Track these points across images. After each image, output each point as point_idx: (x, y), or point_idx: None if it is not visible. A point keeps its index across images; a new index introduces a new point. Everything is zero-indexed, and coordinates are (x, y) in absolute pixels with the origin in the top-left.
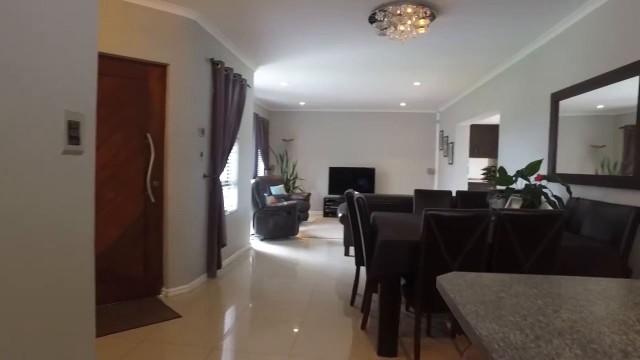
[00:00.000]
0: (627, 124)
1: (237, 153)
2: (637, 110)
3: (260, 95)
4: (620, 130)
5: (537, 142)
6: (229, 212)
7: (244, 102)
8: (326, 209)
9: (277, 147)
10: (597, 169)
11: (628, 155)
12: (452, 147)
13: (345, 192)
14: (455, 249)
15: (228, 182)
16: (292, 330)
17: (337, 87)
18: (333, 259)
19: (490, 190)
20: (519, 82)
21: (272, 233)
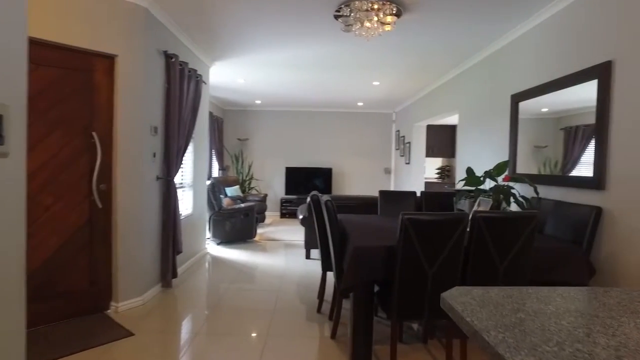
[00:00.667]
0: (566, 125)
1: (192, 153)
2: (596, 112)
3: (215, 93)
4: (561, 132)
5: (497, 142)
6: (184, 216)
7: (199, 99)
8: (283, 210)
9: (232, 146)
10: (539, 168)
11: (567, 155)
12: (409, 147)
13: (310, 195)
14: (433, 253)
15: (183, 184)
16: (258, 342)
17: (295, 85)
18: (294, 263)
19: (459, 190)
20: (479, 83)
21: (229, 236)
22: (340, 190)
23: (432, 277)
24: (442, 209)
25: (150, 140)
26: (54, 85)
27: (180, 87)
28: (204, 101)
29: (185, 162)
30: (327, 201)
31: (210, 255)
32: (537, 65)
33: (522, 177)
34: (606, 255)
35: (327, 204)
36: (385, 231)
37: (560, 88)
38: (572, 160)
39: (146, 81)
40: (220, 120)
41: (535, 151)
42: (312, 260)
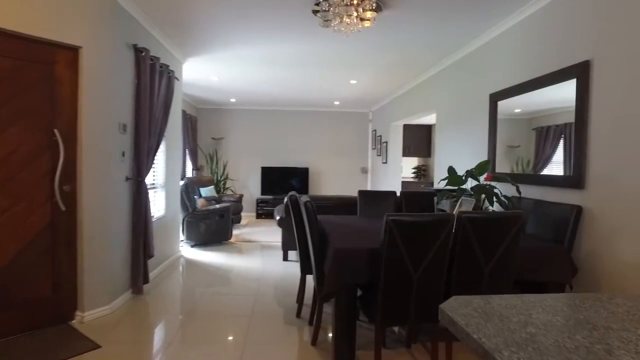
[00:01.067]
0: (538, 125)
1: (164, 152)
2: (576, 112)
3: (188, 90)
4: (533, 132)
5: (476, 142)
6: (156, 218)
7: (171, 96)
8: (259, 211)
9: (206, 146)
10: (512, 167)
11: (538, 154)
12: (386, 146)
13: (289, 195)
14: (418, 256)
15: (154, 184)
16: (235, 350)
17: (271, 83)
18: (271, 265)
19: (440, 190)
20: (457, 82)
21: (203, 238)
22: (317, 190)
23: (418, 280)
24: (422, 209)
25: (118, 138)
26: (9, 77)
27: (151, 83)
28: (177, 98)
29: (157, 162)
30: (306, 202)
31: (184, 258)
32: (516, 64)
33: (504, 176)
34: (586, 253)
35: (306, 205)
36: (366, 232)
37: (539, 87)
38: (543, 159)
39: (114, 75)
40: (194, 119)
41: (509, 151)
42: (290, 262)
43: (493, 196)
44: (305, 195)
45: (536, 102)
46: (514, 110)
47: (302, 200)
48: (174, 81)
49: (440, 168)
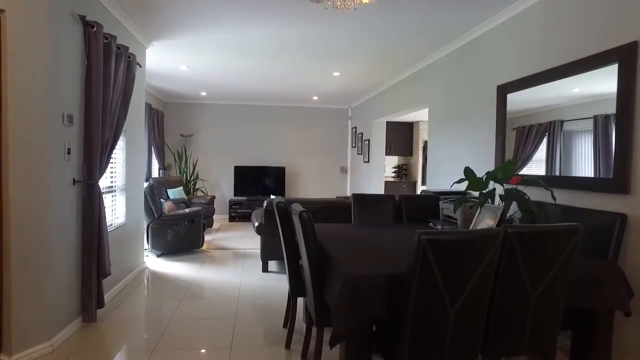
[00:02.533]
0: (519, 125)
1: (123, 150)
2: (617, 102)
3: (154, 82)
4: (513, 132)
5: (478, 139)
6: (114, 226)
7: (132, 84)
8: (232, 213)
9: (174, 143)
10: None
11: (517, 153)
12: (368, 144)
13: (276, 202)
14: (458, 283)
15: (113, 187)
16: None
17: (246, 74)
18: (250, 277)
19: (444, 193)
20: (455, 74)
21: (171, 247)
22: (294, 191)
23: (455, 314)
24: (425, 216)
25: (62, 131)
26: None
27: (106, 66)
28: (139, 87)
29: (114, 161)
30: (302, 213)
31: (150, 270)
32: (534, 50)
33: (535, 179)
34: (632, 270)
35: (302, 217)
36: (375, 248)
37: (567, 75)
38: (522, 158)
39: (54, 52)
40: (161, 114)
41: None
42: (271, 273)
43: (527, 204)
44: (296, 205)
45: (517, 101)
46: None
47: (295, 209)
48: (134, 67)
49: (434, 168)
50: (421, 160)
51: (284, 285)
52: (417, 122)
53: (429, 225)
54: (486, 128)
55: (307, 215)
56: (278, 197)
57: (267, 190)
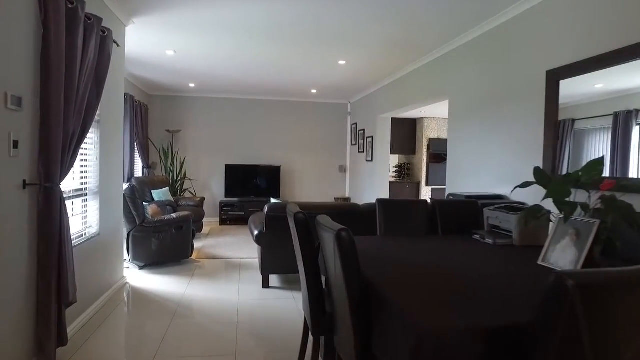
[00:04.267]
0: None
1: (97, 145)
2: None
3: (137, 71)
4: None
5: (517, 134)
6: (85, 238)
7: (107, 65)
8: (223, 216)
9: (160, 139)
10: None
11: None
12: (372, 142)
13: (293, 214)
14: (617, 347)
15: (84, 190)
16: None
17: (240, 62)
18: (249, 294)
19: (530, 207)
20: (485, 61)
21: (156, 257)
22: (290, 192)
23: None
24: (462, 224)
25: (5, 117)
26: None
27: (71, 38)
28: (117, 70)
29: (87, 158)
30: (341, 232)
31: (130, 287)
32: (599, 26)
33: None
34: None
35: (341, 238)
36: (441, 278)
37: None
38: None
39: None
40: (145, 107)
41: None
42: (273, 289)
43: (635, 217)
44: (324, 216)
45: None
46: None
47: (325, 224)
48: (110, 44)
49: (455, 168)
50: (425, 159)
51: (290, 307)
52: (421, 119)
53: (475, 238)
54: (529, 121)
55: (347, 235)
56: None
57: (261, 191)
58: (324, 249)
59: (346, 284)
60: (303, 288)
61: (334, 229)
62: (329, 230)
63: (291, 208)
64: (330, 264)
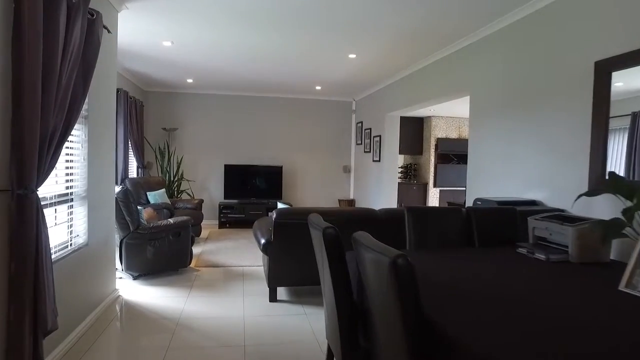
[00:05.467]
0: None
1: (85, 143)
2: None
3: (132, 65)
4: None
5: (555, 134)
6: (71, 249)
7: (95, 53)
8: (222, 219)
9: (156, 138)
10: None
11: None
12: (380, 141)
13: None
14: None
15: (70, 195)
16: None
17: (241, 55)
18: (256, 309)
19: (611, 220)
20: (516, 52)
21: (152, 267)
22: (292, 194)
23: None
24: (500, 235)
25: None
26: None
27: (51, 18)
28: (108, 60)
29: (73, 158)
30: (398, 260)
31: (124, 301)
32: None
33: None
34: None
35: (399, 267)
36: (516, 307)
37: None
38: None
39: None
40: (140, 104)
41: None
42: (281, 303)
43: None
44: (364, 233)
45: None
46: None
47: (373, 247)
48: (100, 29)
49: (477, 170)
50: (433, 159)
51: (302, 325)
52: (428, 118)
53: (521, 252)
54: (569, 119)
55: (406, 264)
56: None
57: (262, 192)
58: (364, 272)
59: (404, 324)
60: (330, 314)
61: (387, 254)
62: (378, 253)
63: (315, 220)
64: (373, 290)
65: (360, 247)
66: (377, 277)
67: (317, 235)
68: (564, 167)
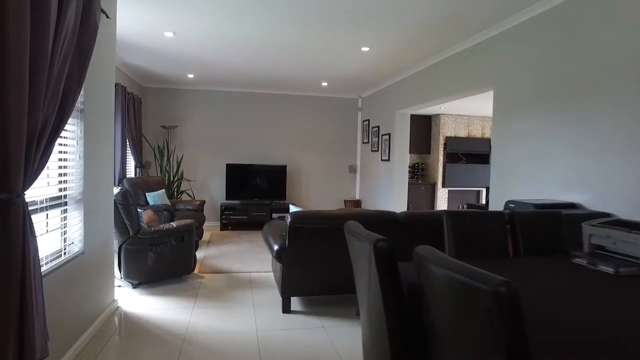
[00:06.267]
0: None
1: (80, 140)
2: None
3: (130, 58)
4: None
5: (599, 134)
6: (65, 259)
7: (93, 38)
8: (224, 220)
9: (155, 136)
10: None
11: None
12: (389, 140)
13: (373, 242)
14: None
15: (64, 198)
16: None
17: (247, 46)
18: (268, 322)
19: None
20: (552, 43)
21: (153, 274)
22: (296, 194)
23: None
24: (545, 242)
25: None
26: None
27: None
28: (106, 47)
29: (67, 157)
30: (500, 288)
31: (123, 312)
32: None
33: None
34: None
35: (503, 298)
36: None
37: None
38: None
39: None
40: (138, 100)
41: None
42: (295, 315)
43: None
44: (431, 249)
45: None
46: None
47: (460, 271)
48: (97, 13)
49: (502, 170)
50: (442, 159)
51: (322, 341)
52: (436, 116)
53: (578, 262)
54: (622, 114)
55: (512, 294)
56: (350, 222)
57: (265, 192)
58: (432, 292)
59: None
60: (372, 334)
61: (485, 281)
62: (468, 277)
63: (356, 228)
64: (444, 313)
65: (429, 265)
66: (458, 303)
67: (362, 247)
68: (611, 167)
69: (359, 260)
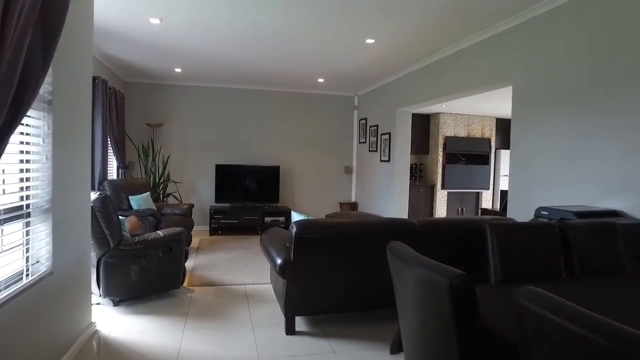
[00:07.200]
0: None
1: (48, 137)
2: None
3: (113, 49)
4: None
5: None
6: (27, 283)
7: (63, 11)
8: (214, 224)
9: (139, 134)
10: None
11: None
12: (389, 140)
13: (450, 280)
14: None
15: (26, 208)
16: None
17: (243, 40)
18: (270, 347)
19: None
20: (587, 27)
21: (136, 290)
22: (289, 197)
23: None
24: (601, 258)
25: None
26: None
27: None
28: (82, 24)
29: (31, 158)
30: None
31: (102, 338)
32: None
33: None
34: None
35: None
36: None
37: None
38: None
39: None
40: (121, 96)
41: None
42: (301, 337)
43: None
44: (537, 290)
45: None
46: None
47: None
48: None
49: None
50: (441, 159)
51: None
52: (435, 115)
53: None
54: None
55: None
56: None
57: (257, 195)
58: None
59: None
60: None
61: None
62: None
63: (405, 253)
64: None
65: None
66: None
67: (425, 281)
68: None
69: (408, 288)
